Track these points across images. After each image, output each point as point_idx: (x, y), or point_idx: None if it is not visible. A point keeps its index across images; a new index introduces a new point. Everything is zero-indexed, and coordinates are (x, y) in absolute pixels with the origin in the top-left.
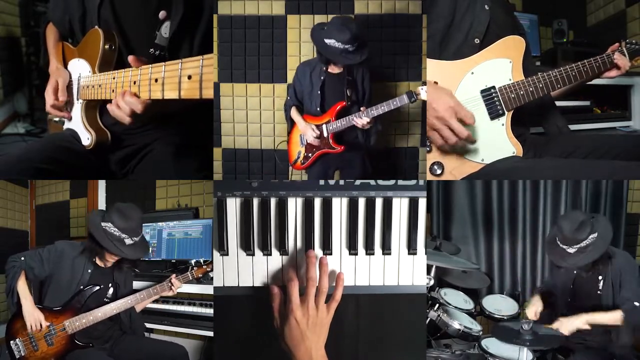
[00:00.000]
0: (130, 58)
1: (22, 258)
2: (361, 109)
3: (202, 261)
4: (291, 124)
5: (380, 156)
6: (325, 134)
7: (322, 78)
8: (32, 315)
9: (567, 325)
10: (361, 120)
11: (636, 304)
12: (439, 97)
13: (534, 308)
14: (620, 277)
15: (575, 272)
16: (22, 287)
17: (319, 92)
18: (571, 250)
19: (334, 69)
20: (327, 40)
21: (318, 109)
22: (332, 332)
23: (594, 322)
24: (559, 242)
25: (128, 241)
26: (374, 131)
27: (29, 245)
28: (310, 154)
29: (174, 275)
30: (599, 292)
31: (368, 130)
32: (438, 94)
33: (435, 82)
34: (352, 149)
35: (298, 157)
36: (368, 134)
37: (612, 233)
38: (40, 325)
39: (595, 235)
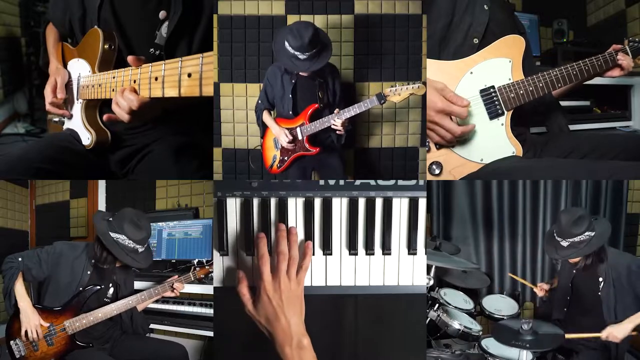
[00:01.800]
0: (130, 58)
1: (20, 259)
2: (335, 110)
3: (204, 261)
4: (264, 128)
5: (380, 156)
6: (300, 137)
7: (293, 81)
8: (30, 321)
9: (617, 333)
10: (336, 121)
11: None
12: (429, 99)
13: (543, 285)
14: (623, 280)
15: (574, 271)
16: (20, 289)
17: (291, 95)
18: (564, 243)
19: (304, 72)
20: (285, 43)
21: (290, 112)
22: (332, 332)
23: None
24: (555, 235)
25: (140, 249)
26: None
27: (29, 245)
28: (286, 158)
29: (175, 276)
30: (599, 293)
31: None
32: (429, 95)
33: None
34: (326, 150)
35: (274, 161)
36: (340, 134)
37: (609, 235)
38: (37, 332)
39: (592, 234)
